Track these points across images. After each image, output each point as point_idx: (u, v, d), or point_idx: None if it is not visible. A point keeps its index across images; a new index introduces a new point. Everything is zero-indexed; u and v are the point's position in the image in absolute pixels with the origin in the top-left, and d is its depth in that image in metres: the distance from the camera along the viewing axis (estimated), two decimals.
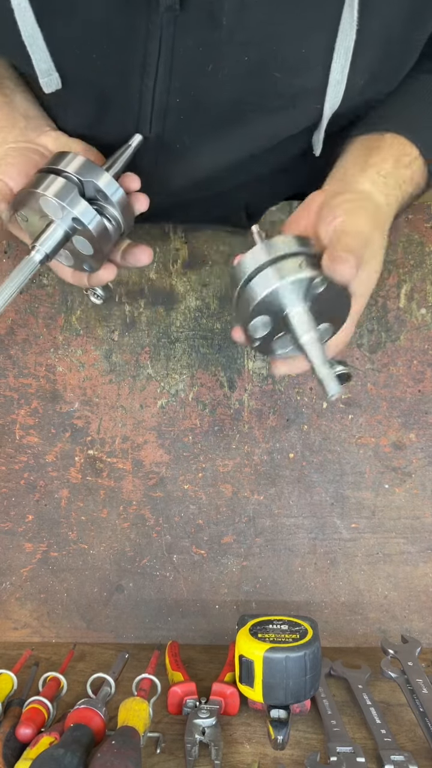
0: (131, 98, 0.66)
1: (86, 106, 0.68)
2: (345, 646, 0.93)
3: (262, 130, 0.70)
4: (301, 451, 0.93)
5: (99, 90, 0.67)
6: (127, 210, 0.65)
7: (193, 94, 0.66)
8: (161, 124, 0.68)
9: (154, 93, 0.65)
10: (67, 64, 0.64)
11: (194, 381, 0.93)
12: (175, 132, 0.69)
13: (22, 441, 0.94)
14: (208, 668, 0.86)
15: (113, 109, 0.68)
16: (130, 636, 0.94)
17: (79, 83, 0.66)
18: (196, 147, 0.72)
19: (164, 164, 0.73)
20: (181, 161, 0.73)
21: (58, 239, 0.62)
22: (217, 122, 0.69)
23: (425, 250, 0.92)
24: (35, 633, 0.95)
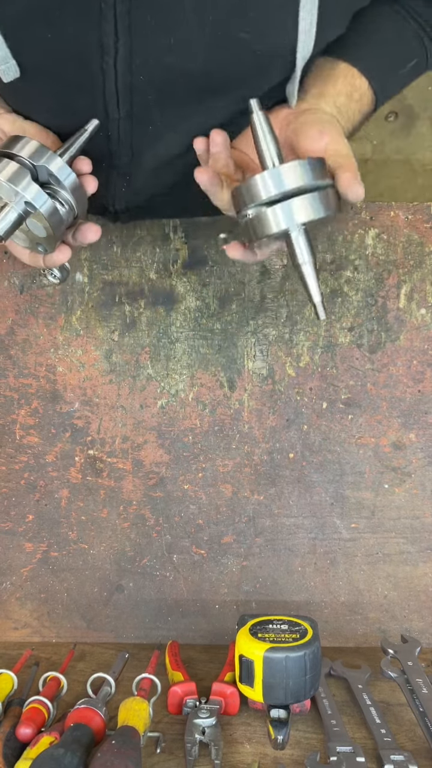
0: (94, 80, 0.65)
1: (49, 92, 0.68)
2: (345, 645, 0.93)
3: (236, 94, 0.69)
4: (301, 451, 0.94)
5: (59, 74, 0.66)
6: (80, 193, 0.67)
7: (157, 70, 0.65)
8: (129, 103, 0.68)
9: (116, 73, 0.65)
10: (23, 50, 0.63)
11: (194, 381, 0.93)
12: (146, 110, 0.69)
13: (23, 441, 0.94)
14: (208, 668, 0.86)
15: (77, 93, 0.68)
16: (130, 636, 0.94)
17: (38, 69, 0.65)
18: (170, 122, 0.71)
19: (141, 145, 0.73)
20: (157, 139, 0.73)
21: (11, 221, 0.64)
22: (188, 94, 0.68)
23: (425, 250, 0.92)
24: (35, 633, 0.95)
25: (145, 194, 0.81)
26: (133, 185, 0.79)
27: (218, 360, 0.93)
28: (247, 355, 0.93)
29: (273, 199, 0.62)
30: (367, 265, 0.92)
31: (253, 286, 0.93)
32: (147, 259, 0.92)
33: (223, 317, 0.93)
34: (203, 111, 0.70)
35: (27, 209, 0.64)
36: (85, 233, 0.69)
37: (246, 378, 0.93)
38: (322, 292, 0.68)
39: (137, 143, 0.73)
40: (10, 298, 0.93)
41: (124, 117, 0.69)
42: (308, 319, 0.93)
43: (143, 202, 0.83)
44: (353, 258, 0.92)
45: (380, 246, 0.92)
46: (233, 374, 0.93)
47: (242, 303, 0.93)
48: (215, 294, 0.93)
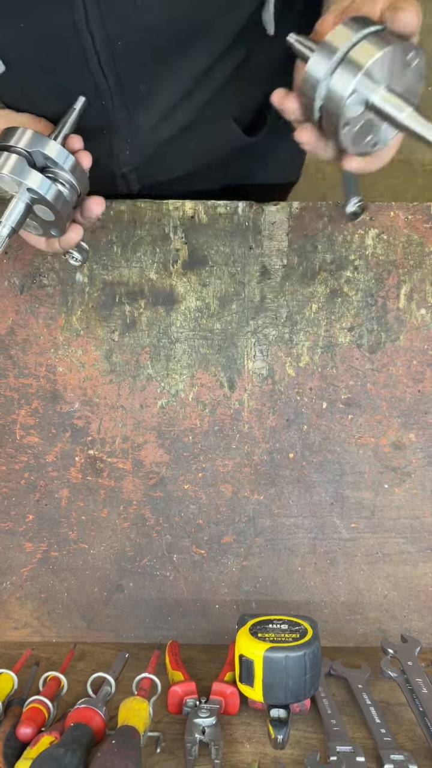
0: (76, 59, 0.67)
1: (36, 81, 0.70)
2: (345, 645, 0.93)
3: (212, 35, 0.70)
4: (301, 451, 0.94)
5: (42, 61, 0.68)
6: (79, 171, 0.68)
7: (131, 32, 0.66)
8: (114, 73, 0.69)
9: (94, 45, 0.66)
10: (2, 44, 0.65)
11: (194, 381, 0.93)
12: (131, 73, 0.71)
13: (23, 441, 0.94)
14: (208, 668, 0.86)
15: (63, 75, 0.69)
16: (130, 635, 0.95)
17: (21, 60, 0.67)
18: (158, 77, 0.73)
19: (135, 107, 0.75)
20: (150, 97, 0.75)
21: (20, 212, 0.66)
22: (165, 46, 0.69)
23: (425, 250, 0.92)
24: (35, 632, 0.95)
25: (149, 151, 0.83)
26: (136, 145, 0.81)
27: (218, 360, 0.93)
28: (247, 355, 0.93)
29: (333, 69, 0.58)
30: (367, 265, 0.92)
31: (253, 286, 0.93)
32: (147, 259, 0.92)
33: (223, 317, 0.93)
34: (186, 58, 0.72)
35: (32, 197, 0.66)
36: (91, 207, 0.71)
37: (246, 378, 0.93)
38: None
39: (132, 106, 0.75)
40: (10, 298, 0.93)
41: (114, 85, 0.71)
42: (308, 319, 0.93)
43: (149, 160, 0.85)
44: (353, 258, 0.92)
45: (380, 246, 0.92)
46: (233, 374, 0.93)
47: (242, 303, 0.93)
48: (215, 294, 0.93)
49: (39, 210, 0.68)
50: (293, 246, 0.92)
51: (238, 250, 0.92)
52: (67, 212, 0.69)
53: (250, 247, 0.92)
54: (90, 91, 0.70)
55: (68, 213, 0.69)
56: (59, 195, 0.67)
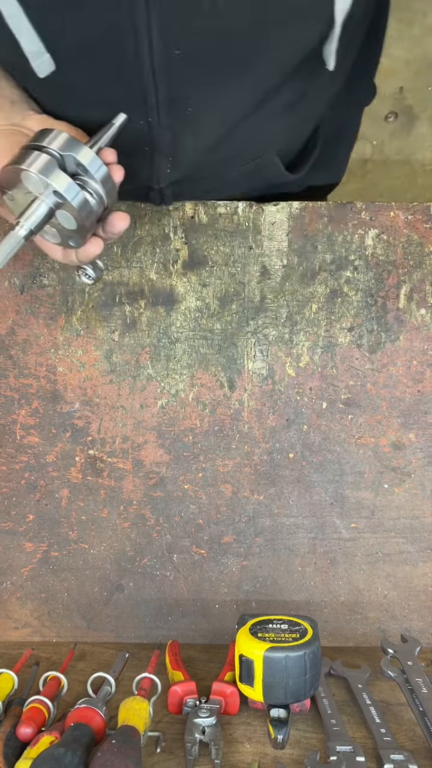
0: (129, 62, 0.63)
1: (84, 84, 0.67)
2: (345, 645, 0.93)
3: (276, 58, 0.67)
4: (300, 451, 0.94)
5: (94, 63, 0.64)
6: (109, 184, 0.65)
7: (192, 39, 0.62)
8: (167, 82, 0.66)
9: (151, 50, 0.62)
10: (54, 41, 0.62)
11: (194, 381, 0.93)
12: (185, 87, 0.67)
13: (23, 441, 0.94)
14: (208, 667, 0.86)
15: (112, 82, 0.66)
16: (130, 635, 0.95)
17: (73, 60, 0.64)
18: (208, 100, 0.69)
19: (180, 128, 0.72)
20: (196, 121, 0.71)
21: (41, 215, 0.63)
22: (224, 62, 0.66)
23: (425, 250, 0.92)
24: (36, 632, 0.95)
25: (189, 171, 0.81)
26: (178, 164, 0.78)
27: (218, 360, 0.93)
28: (247, 355, 0.93)
29: None
30: (367, 265, 0.92)
31: (253, 286, 0.93)
32: (147, 259, 0.92)
33: (223, 317, 0.93)
34: (239, 82, 0.68)
35: (57, 201, 0.63)
36: (114, 222, 0.68)
37: (246, 378, 0.93)
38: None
39: (177, 128, 0.71)
40: (10, 299, 0.93)
41: (162, 100, 0.67)
42: (308, 319, 0.93)
43: (186, 177, 0.83)
44: (353, 258, 0.92)
45: (380, 246, 0.92)
46: (233, 374, 0.93)
47: (242, 303, 0.93)
48: (215, 294, 0.93)
49: (61, 216, 0.64)
50: (293, 246, 0.92)
51: (238, 250, 0.92)
52: (91, 223, 0.66)
53: (250, 247, 0.92)
54: (137, 105, 0.67)
55: (91, 224, 0.66)
56: (85, 203, 0.64)
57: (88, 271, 0.73)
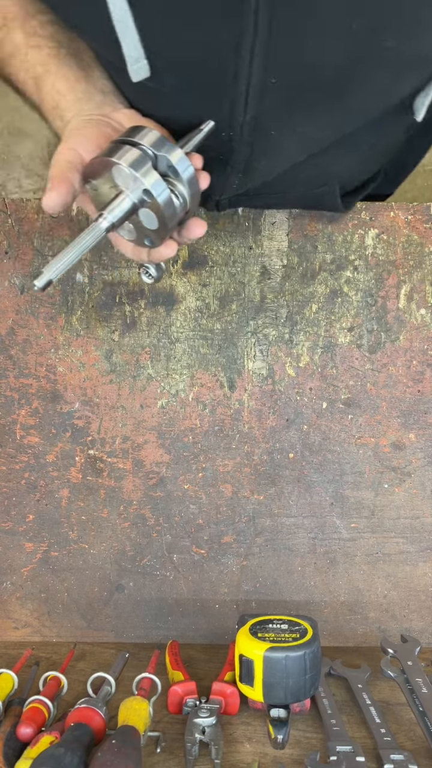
0: (225, 81, 0.63)
1: (175, 92, 0.66)
2: (345, 645, 0.93)
3: (367, 101, 0.67)
4: (301, 451, 0.94)
5: (189, 75, 0.64)
6: (195, 187, 0.65)
7: (292, 71, 0.63)
8: (257, 105, 0.66)
9: (250, 73, 0.62)
10: (155, 49, 0.62)
11: (194, 381, 0.93)
12: (273, 112, 0.67)
13: (23, 441, 0.94)
14: (208, 667, 0.86)
15: (204, 94, 0.66)
16: (130, 635, 0.95)
17: (169, 69, 0.63)
18: (293, 128, 0.70)
19: (260, 148, 0.72)
20: (277, 145, 0.72)
21: (125, 209, 0.63)
22: (318, 97, 0.66)
23: (425, 250, 0.92)
24: (36, 632, 0.95)
25: (252, 187, 0.81)
26: (245, 180, 0.78)
27: (218, 360, 0.93)
28: (247, 355, 0.93)
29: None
30: (367, 265, 0.92)
31: (253, 286, 0.93)
32: None
33: (223, 317, 0.93)
34: (328, 117, 0.69)
35: (144, 198, 0.62)
36: (192, 228, 0.68)
37: (246, 378, 0.93)
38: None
39: (258, 145, 0.72)
40: (10, 299, 0.93)
41: (249, 121, 0.68)
42: (308, 319, 0.93)
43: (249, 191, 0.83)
44: (353, 258, 0.92)
45: (380, 246, 0.92)
46: (233, 374, 0.93)
47: (242, 303, 0.93)
48: (215, 294, 0.93)
49: (143, 215, 0.64)
50: (293, 246, 0.92)
51: (238, 250, 0.92)
52: (172, 225, 0.65)
53: (250, 247, 0.92)
54: (224, 119, 0.67)
55: (172, 226, 0.65)
56: (171, 205, 0.63)
57: (151, 271, 0.72)
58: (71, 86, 0.69)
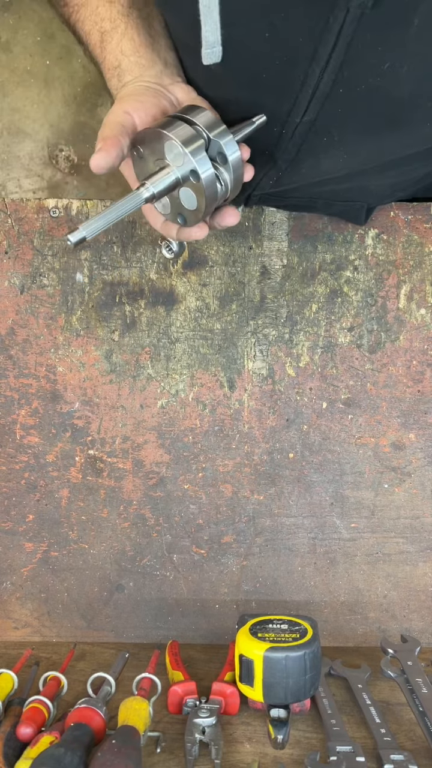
0: (293, 82, 0.64)
1: (239, 84, 0.67)
2: (345, 645, 0.93)
3: (423, 136, 0.68)
4: (301, 451, 0.94)
5: (257, 70, 0.64)
6: (239, 176, 0.66)
7: (360, 89, 0.63)
8: (317, 111, 0.66)
9: (319, 80, 0.63)
10: (233, 39, 0.62)
11: (194, 381, 0.93)
12: (328, 124, 0.68)
13: (23, 441, 0.94)
14: (208, 668, 0.86)
15: (268, 91, 0.66)
16: (130, 635, 0.95)
17: (240, 60, 0.63)
18: (345, 143, 0.70)
19: (307, 153, 0.72)
20: (324, 155, 0.72)
21: (168, 183, 0.63)
22: (377, 120, 0.67)
23: (425, 250, 0.92)
24: (36, 632, 0.95)
25: (289, 188, 0.82)
26: (284, 179, 0.79)
27: (218, 360, 0.93)
28: (247, 355, 0.93)
29: None
30: (367, 265, 0.92)
31: (253, 286, 0.93)
32: (147, 259, 0.92)
33: (223, 317, 0.93)
34: (380, 142, 0.70)
35: (188, 176, 0.63)
36: (225, 216, 0.69)
37: (246, 378, 0.93)
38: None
39: (304, 151, 0.72)
40: (10, 298, 0.93)
41: (304, 123, 0.68)
42: (308, 319, 0.93)
43: (283, 192, 0.83)
44: (353, 258, 0.92)
45: (380, 246, 0.92)
46: (233, 374, 0.93)
47: (242, 303, 0.93)
48: (215, 294, 0.93)
49: (184, 193, 0.65)
50: (293, 246, 0.92)
51: (238, 250, 0.92)
52: (211, 208, 0.66)
53: (250, 247, 0.92)
54: (280, 116, 0.67)
55: (211, 209, 0.66)
56: (213, 189, 0.64)
57: (173, 246, 0.73)
58: (136, 49, 0.69)
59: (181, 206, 0.66)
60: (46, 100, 1.22)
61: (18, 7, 1.20)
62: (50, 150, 1.24)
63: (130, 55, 0.69)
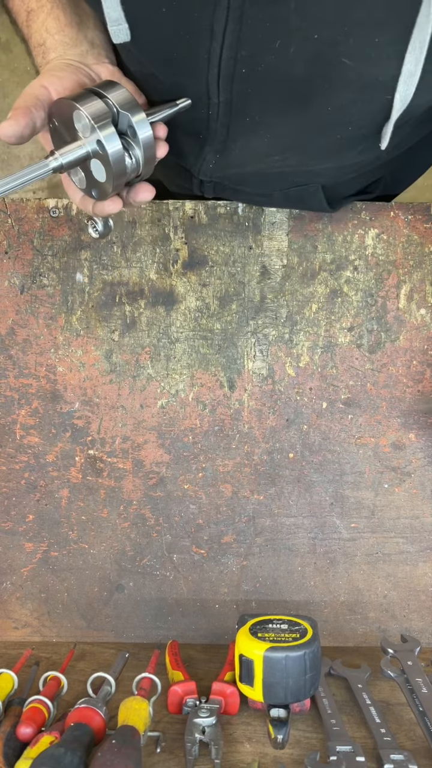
0: (199, 62, 0.65)
1: (154, 63, 0.68)
2: (345, 645, 0.93)
3: (329, 117, 0.68)
4: (300, 451, 0.94)
5: (167, 49, 0.66)
6: (150, 153, 0.67)
7: (259, 67, 0.64)
8: (228, 92, 0.68)
9: (220, 60, 0.64)
10: (137, 17, 0.63)
11: (194, 381, 0.93)
12: (244, 102, 0.69)
13: (23, 441, 0.94)
14: (208, 667, 0.86)
15: (181, 70, 0.68)
16: (130, 635, 0.95)
17: (148, 39, 0.65)
18: (267, 120, 0.71)
19: (236, 131, 0.73)
20: (253, 131, 0.73)
21: (77, 155, 0.65)
22: (283, 100, 0.68)
23: (425, 250, 0.92)
24: (36, 632, 0.95)
25: (231, 172, 0.82)
26: (223, 163, 0.79)
27: (218, 360, 0.93)
28: (247, 355, 0.93)
29: None
30: (367, 265, 0.92)
31: (253, 286, 0.93)
32: (147, 259, 0.92)
33: (223, 317, 0.93)
34: (294, 122, 0.70)
35: (97, 150, 0.64)
36: (139, 191, 0.69)
37: (246, 378, 0.93)
38: None
39: (233, 129, 0.73)
40: (10, 298, 0.93)
41: (223, 102, 0.69)
42: (308, 319, 0.93)
43: (228, 179, 0.84)
44: (353, 258, 0.92)
45: (380, 246, 0.92)
46: (233, 374, 0.93)
47: (242, 303, 0.93)
48: (215, 294, 0.93)
49: (94, 165, 0.66)
50: (293, 246, 0.92)
51: (238, 250, 0.92)
52: (119, 183, 0.67)
53: (250, 247, 0.92)
54: (201, 98, 0.69)
55: (119, 184, 0.67)
56: (121, 163, 0.65)
57: (98, 226, 0.74)
58: (60, 28, 0.70)
59: (94, 180, 0.67)
60: None
61: None
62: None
63: (54, 34, 0.70)
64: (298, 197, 0.87)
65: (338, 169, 0.82)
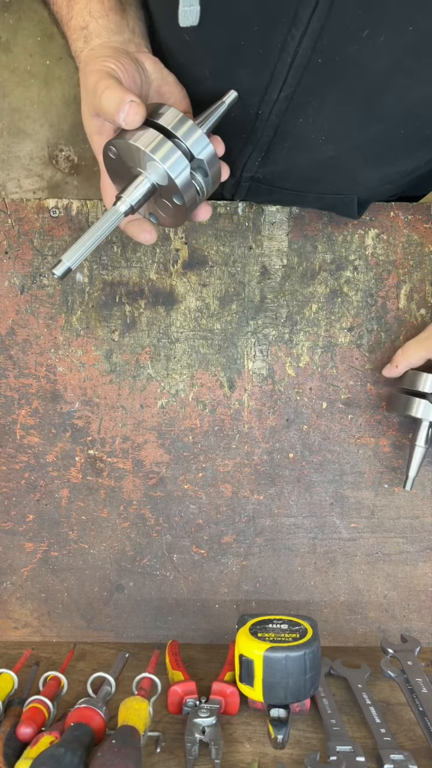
0: (270, 51, 0.61)
1: (215, 51, 0.64)
2: (345, 645, 0.93)
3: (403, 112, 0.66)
4: (300, 451, 0.94)
5: (236, 35, 0.62)
6: (215, 180, 0.65)
7: (337, 58, 0.61)
8: (295, 83, 0.63)
9: (298, 47, 0.60)
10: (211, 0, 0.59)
11: (194, 381, 0.93)
12: (307, 97, 0.65)
13: (23, 441, 0.94)
14: (208, 667, 0.86)
15: (247, 59, 0.63)
16: (130, 635, 0.95)
17: (218, 23, 0.61)
18: (324, 121, 0.68)
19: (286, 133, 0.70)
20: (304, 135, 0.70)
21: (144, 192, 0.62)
22: (351, 95, 0.64)
23: (425, 250, 0.92)
24: (36, 632, 0.95)
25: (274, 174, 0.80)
26: (265, 163, 0.77)
27: (218, 360, 0.93)
28: (247, 355, 0.93)
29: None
30: (367, 265, 0.92)
31: (253, 286, 0.93)
32: (147, 259, 0.92)
33: (223, 317, 0.93)
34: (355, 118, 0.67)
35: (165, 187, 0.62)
36: (199, 214, 0.68)
37: (246, 378, 0.93)
38: None
39: (283, 129, 0.70)
40: (10, 298, 0.93)
41: (282, 100, 0.65)
42: (308, 319, 0.93)
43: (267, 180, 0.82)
44: (353, 258, 0.92)
45: (380, 246, 0.92)
46: (233, 374, 0.93)
47: (242, 303, 0.93)
48: (215, 294, 0.93)
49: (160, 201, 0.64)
50: (293, 246, 0.92)
51: (238, 250, 0.92)
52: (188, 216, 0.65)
53: (250, 247, 0.92)
54: (255, 93, 0.65)
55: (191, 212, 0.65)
56: (193, 199, 0.63)
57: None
58: (105, 12, 0.67)
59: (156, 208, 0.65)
60: (46, 100, 1.22)
61: (18, 7, 1.20)
62: (50, 150, 1.24)
63: (98, 18, 0.67)
64: (332, 203, 0.86)
65: (381, 179, 0.81)
